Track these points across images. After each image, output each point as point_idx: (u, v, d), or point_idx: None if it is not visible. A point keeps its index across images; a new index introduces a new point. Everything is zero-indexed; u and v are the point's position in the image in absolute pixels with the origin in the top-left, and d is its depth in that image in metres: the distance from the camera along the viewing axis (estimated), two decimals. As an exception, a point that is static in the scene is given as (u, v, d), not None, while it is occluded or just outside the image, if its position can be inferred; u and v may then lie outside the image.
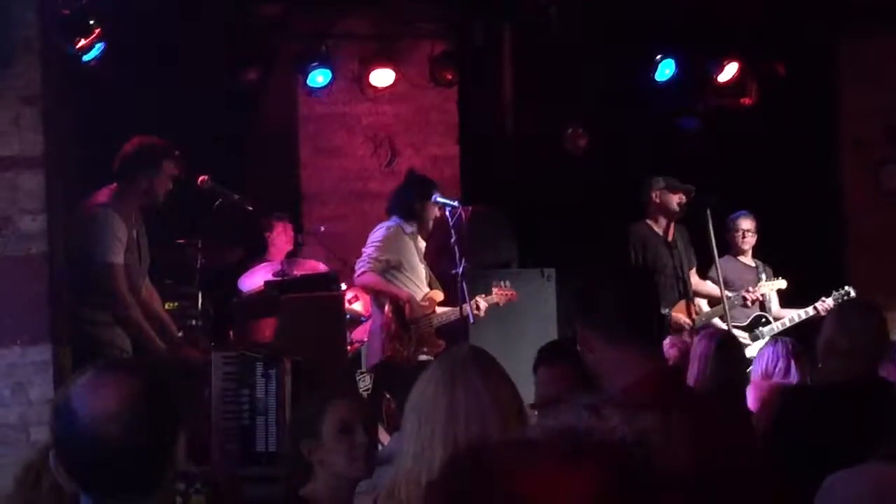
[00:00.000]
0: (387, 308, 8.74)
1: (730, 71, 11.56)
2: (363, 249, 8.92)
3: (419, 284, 8.97)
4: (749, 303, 9.82)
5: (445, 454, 3.21)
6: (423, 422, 3.30)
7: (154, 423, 2.61)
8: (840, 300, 9.69)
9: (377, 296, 8.86)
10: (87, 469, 2.60)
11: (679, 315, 9.53)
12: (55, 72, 6.76)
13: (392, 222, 8.97)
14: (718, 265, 9.78)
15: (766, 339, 9.76)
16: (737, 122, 11.67)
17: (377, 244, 8.85)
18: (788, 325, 9.95)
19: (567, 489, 1.38)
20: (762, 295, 9.96)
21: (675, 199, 9.78)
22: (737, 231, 10.30)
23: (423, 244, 9.04)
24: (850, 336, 5.35)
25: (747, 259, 10.35)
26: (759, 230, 10.29)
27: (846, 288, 9.85)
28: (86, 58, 9.00)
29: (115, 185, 7.36)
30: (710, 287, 9.79)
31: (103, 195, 7.33)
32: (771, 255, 10.40)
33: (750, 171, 11.21)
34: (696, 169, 10.14)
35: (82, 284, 7.07)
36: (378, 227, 9.03)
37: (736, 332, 9.87)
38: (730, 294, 9.69)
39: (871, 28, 11.79)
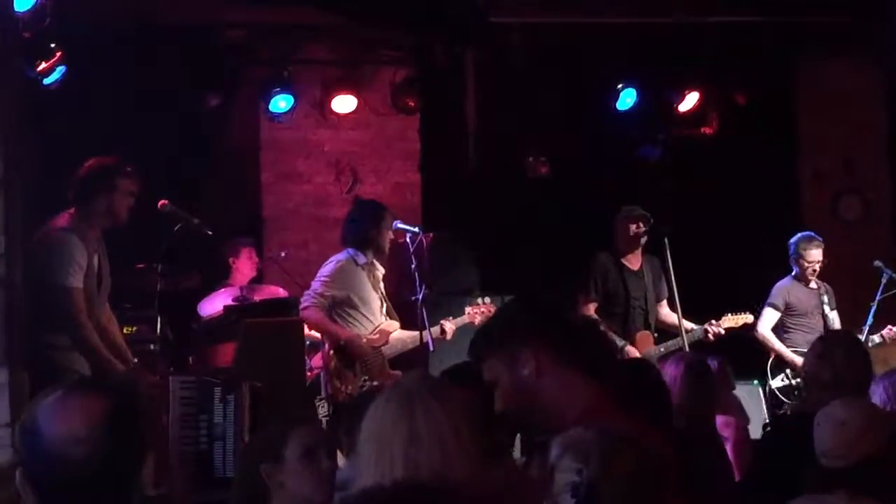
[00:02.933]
0: (326, 346, 8.64)
1: (691, 100, 11.62)
2: (311, 283, 8.86)
3: (371, 318, 8.80)
4: (711, 336, 9.77)
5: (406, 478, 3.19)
6: (383, 448, 3.27)
7: (120, 445, 2.60)
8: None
9: (317, 332, 8.73)
10: (54, 489, 2.59)
11: (632, 349, 9.51)
12: (15, 95, 6.74)
13: (343, 255, 8.85)
14: (780, 291, 9.95)
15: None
16: (698, 152, 11.73)
17: (324, 279, 8.73)
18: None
19: None
20: (724, 330, 9.91)
21: (632, 228, 9.78)
22: (802, 258, 10.29)
23: (381, 271, 8.92)
24: (833, 368, 5.38)
25: (810, 283, 10.35)
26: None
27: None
28: (46, 81, 8.99)
29: (73, 209, 7.32)
30: (675, 318, 9.73)
31: (63, 219, 7.29)
32: (731, 285, 10.44)
33: (710, 200, 11.27)
34: (657, 198, 10.18)
35: (41, 308, 7.03)
36: (329, 260, 8.91)
37: (797, 356, 9.92)
38: (693, 327, 9.68)
39: (827, 60, 11.93)
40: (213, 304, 9.39)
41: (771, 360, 10.15)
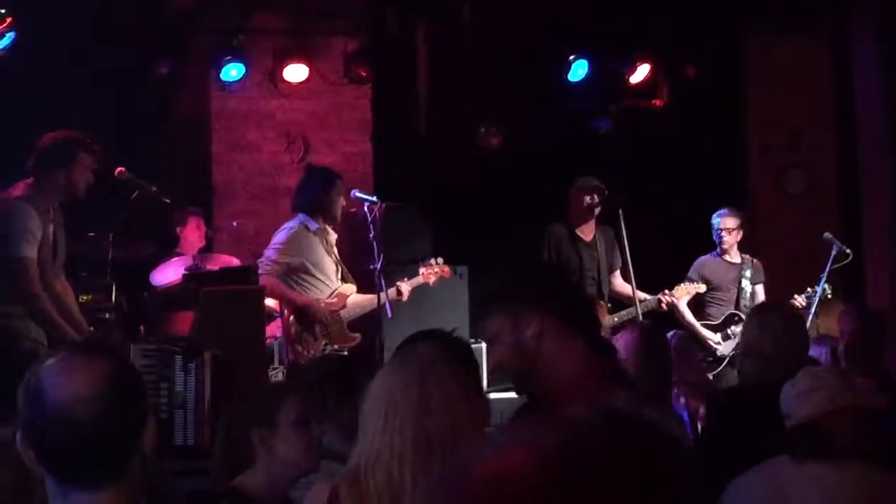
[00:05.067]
0: (286, 312, 8.66)
1: (642, 72, 11.68)
2: (265, 251, 8.84)
3: (327, 282, 8.86)
4: (664, 306, 9.87)
5: (415, 444, 3.25)
6: (392, 413, 3.30)
7: (124, 407, 2.59)
8: (813, 297, 9.87)
9: (274, 299, 8.73)
10: (56, 451, 2.57)
11: None
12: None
13: (295, 222, 8.87)
14: (696, 265, 10.01)
15: (738, 338, 9.88)
16: (648, 124, 11.79)
17: (278, 246, 8.75)
18: None
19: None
20: (677, 299, 9.99)
21: (586, 199, 9.81)
22: (716, 229, 10.34)
23: (333, 236, 8.93)
24: (772, 340, 5.41)
25: (731, 257, 10.40)
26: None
27: (826, 286, 10.02)
28: (-5, 47, 8.89)
29: (31, 179, 7.24)
30: (630, 289, 9.78)
31: (19, 189, 7.21)
32: (680, 256, 10.50)
33: (661, 173, 11.33)
34: (608, 169, 10.20)
35: (-5, 277, 6.98)
36: (281, 228, 8.94)
37: (707, 331, 10.01)
38: (646, 297, 9.75)
39: (777, 35, 12.01)
40: (165, 274, 9.32)
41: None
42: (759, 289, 10.35)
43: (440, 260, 9.28)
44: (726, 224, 10.29)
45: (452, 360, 3.39)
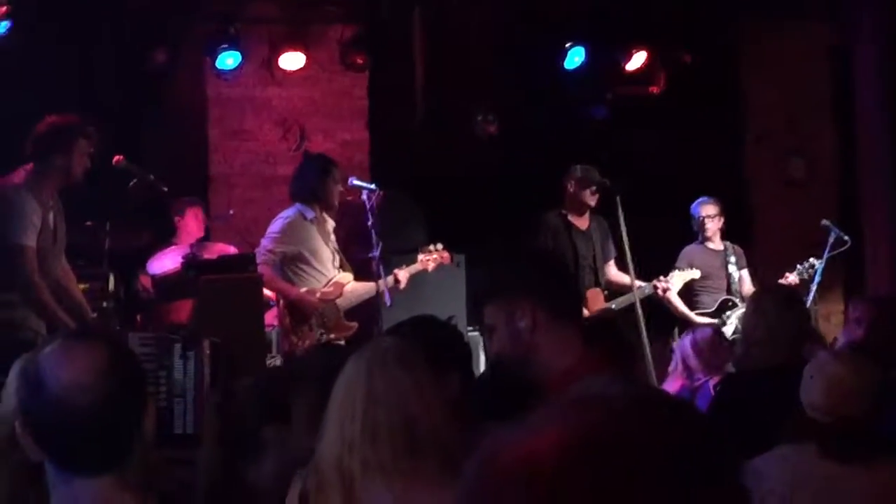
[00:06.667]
0: (280, 303, 8.63)
1: (638, 59, 11.65)
2: (261, 240, 8.82)
3: (324, 270, 8.82)
4: (660, 292, 9.87)
5: (363, 433, 3.29)
6: (346, 403, 3.37)
7: (123, 393, 2.58)
8: (804, 273, 9.86)
9: (268, 290, 8.71)
10: (56, 438, 2.57)
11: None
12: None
13: (291, 211, 8.83)
14: (684, 255, 10.02)
15: (735, 323, 9.89)
16: (645, 111, 11.77)
17: (274, 236, 8.72)
18: None
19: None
20: (670, 286, 9.99)
21: (588, 193, 9.77)
22: (698, 218, 10.36)
23: (330, 224, 8.91)
24: (767, 325, 5.41)
25: (714, 244, 10.41)
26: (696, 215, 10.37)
27: (811, 260, 10.00)
28: (-8, 34, 8.87)
29: (30, 165, 7.23)
30: (625, 278, 9.73)
31: (18, 176, 7.20)
32: (677, 244, 10.50)
33: (658, 160, 11.32)
34: (604, 157, 10.19)
35: (-6, 265, 6.97)
36: (277, 217, 8.90)
37: (702, 318, 9.99)
38: (642, 284, 9.73)
39: (773, 20, 11.99)
40: (163, 263, 9.31)
41: (678, 324, 10.18)
42: (745, 273, 10.38)
43: (439, 245, 9.25)
44: (708, 211, 10.31)
45: (408, 354, 3.40)
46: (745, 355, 5.70)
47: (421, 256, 9.14)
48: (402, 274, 8.95)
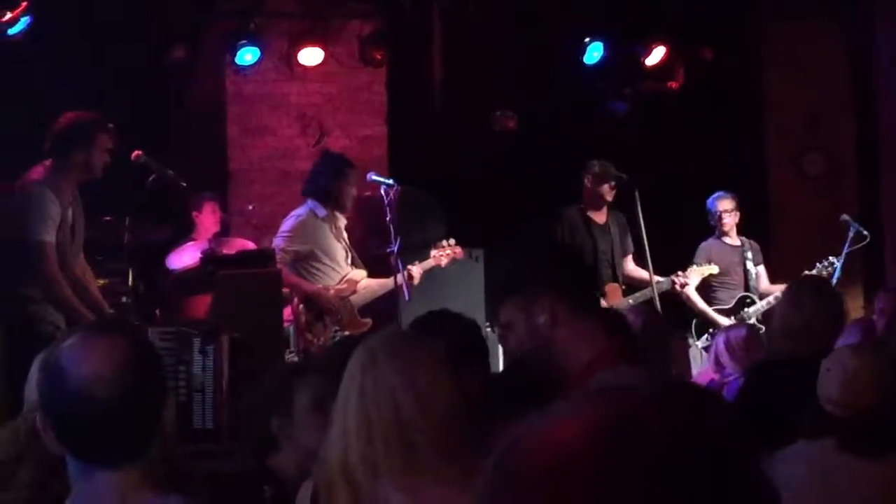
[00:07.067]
0: (295, 300, 8.64)
1: (657, 54, 11.62)
2: (273, 239, 8.83)
3: (337, 268, 8.82)
4: (678, 287, 9.84)
5: (360, 435, 3.27)
6: (343, 399, 3.35)
7: (144, 385, 2.59)
8: (823, 272, 9.82)
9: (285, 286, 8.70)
10: (76, 431, 2.57)
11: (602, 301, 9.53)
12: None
13: (303, 209, 8.85)
14: (701, 250, 9.98)
15: (752, 319, 9.87)
16: (664, 106, 11.75)
17: (286, 235, 8.74)
18: (774, 302, 9.97)
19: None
20: (688, 282, 9.96)
21: (606, 188, 9.76)
22: (715, 213, 10.32)
23: (343, 221, 8.91)
24: (803, 315, 5.40)
25: (731, 239, 10.38)
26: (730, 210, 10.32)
27: (830, 258, 9.96)
28: (11, 31, 8.88)
29: (49, 161, 7.25)
30: (643, 273, 9.72)
31: (37, 172, 7.22)
32: (696, 240, 10.48)
33: (677, 155, 11.29)
34: (623, 152, 10.17)
35: (14, 261, 6.97)
36: (290, 215, 8.92)
37: (719, 316, 9.96)
38: (660, 279, 9.70)
39: (794, 15, 11.94)
40: (182, 258, 9.34)
41: (695, 320, 10.15)
42: (762, 269, 10.36)
43: (452, 241, 9.23)
44: (724, 206, 10.27)
45: (395, 350, 3.37)
46: (779, 346, 5.70)
47: (434, 252, 9.13)
48: (416, 270, 8.95)
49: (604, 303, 9.46)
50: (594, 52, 11.46)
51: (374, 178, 8.87)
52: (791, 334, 5.47)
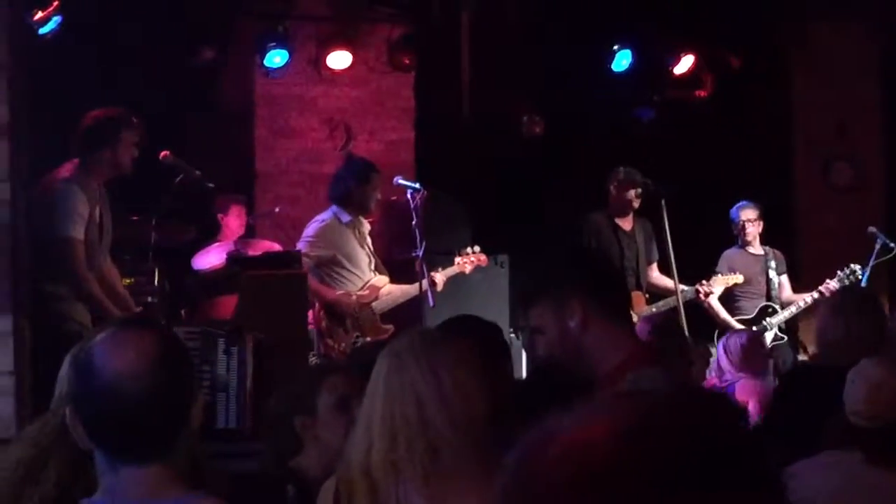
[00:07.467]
0: (316, 305, 8.64)
1: (686, 63, 11.63)
2: (297, 244, 8.84)
3: (359, 274, 8.83)
4: (702, 296, 9.82)
5: (381, 432, 3.26)
6: (369, 402, 3.35)
7: (173, 381, 2.60)
8: (845, 280, 9.76)
9: None
10: (105, 426, 2.58)
11: None
12: (21, 41, 6.68)
13: (327, 214, 8.87)
14: (724, 259, 9.99)
15: (775, 329, 9.84)
16: (692, 115, 11.73)
17: (309, 240, 8.77)
18: (796, 311, 9.97)
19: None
20: (716, 290, 9.93)
21: (632, 193, 9.76)
22: (738, 222, 10.28)
23: (366, 227, 8.92)
24: (845, 324, 5.37)
25: (754, 249, 10.34)
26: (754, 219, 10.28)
27: (852, 266, 9.90)
28: (42, 30, 8.92)
29: (77, 160, 7.28)
30: (667, 281, 9.73)
31: (66, 169, 7.26)
32: (722, 249, 10.45)
33: (704, 164, 11.27)
34: (650, 160, 10.17)
35: (42, 258, 7.00)
36: (313, 220, 8.95)
37: (741, 325, 9.90)
38: (684, 288, 9.67)
39: (822, 25, 11.92)
40: (208, 258, 9.37)
41: (718, 329, 10.10)
42: (785, 279, 10.32)
43: (476, 248, 9.25)
44: (748, 215, 10.23)
45: (422, 350, 3.36)
46: (821, 356, 5.68)
47: (458, 259, 9.14)
48: (439, 276, 8.96)
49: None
50: (623, 60, 11.48)
51: (401, 182, 8.88)
52: (832, 343, 5.45)
